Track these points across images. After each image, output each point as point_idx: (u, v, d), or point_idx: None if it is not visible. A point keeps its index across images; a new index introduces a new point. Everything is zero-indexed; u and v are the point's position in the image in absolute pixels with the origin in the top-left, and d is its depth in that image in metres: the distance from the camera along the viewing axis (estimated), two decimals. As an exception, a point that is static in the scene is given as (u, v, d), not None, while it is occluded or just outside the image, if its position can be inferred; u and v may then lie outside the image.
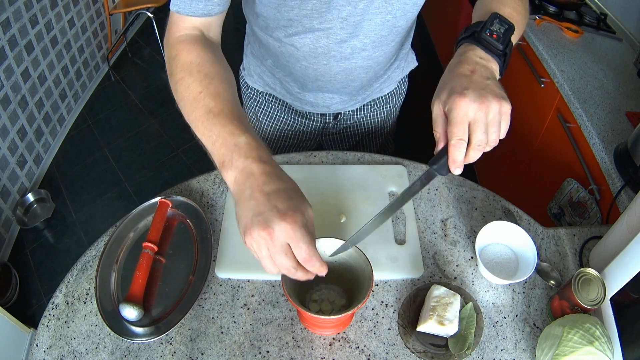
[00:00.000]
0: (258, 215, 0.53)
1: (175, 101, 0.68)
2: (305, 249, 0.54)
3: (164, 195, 0.89)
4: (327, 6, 0.75)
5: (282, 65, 0.95)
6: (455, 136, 0.55)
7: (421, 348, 0.71)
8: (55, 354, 0.71)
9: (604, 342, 0.63)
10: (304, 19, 0.77)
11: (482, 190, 0.93)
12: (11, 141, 2.09)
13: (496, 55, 0.62)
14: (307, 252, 0.54)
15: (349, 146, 1.20)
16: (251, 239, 0.53)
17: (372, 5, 0.76)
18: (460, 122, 0.55)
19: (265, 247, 0.53)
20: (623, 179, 1.06)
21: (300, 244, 0.53)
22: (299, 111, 1.09)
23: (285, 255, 0.54)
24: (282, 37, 0.84)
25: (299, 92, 1.00)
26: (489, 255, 0.81)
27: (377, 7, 0.77)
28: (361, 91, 1.02)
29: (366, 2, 0.75)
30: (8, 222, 2.07)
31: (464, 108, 0.55)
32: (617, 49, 1.53)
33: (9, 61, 2.04)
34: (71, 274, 0.81)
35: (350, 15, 0.77)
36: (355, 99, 1.04)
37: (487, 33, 0.62)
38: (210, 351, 0.71)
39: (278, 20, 0.79)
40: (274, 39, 0.86)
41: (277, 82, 1.02)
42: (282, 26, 0.81)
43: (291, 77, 0.97)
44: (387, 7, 0.78)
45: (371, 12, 0.77)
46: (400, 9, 0.79)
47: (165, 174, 2.39)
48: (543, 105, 1.51)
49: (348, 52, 0.84)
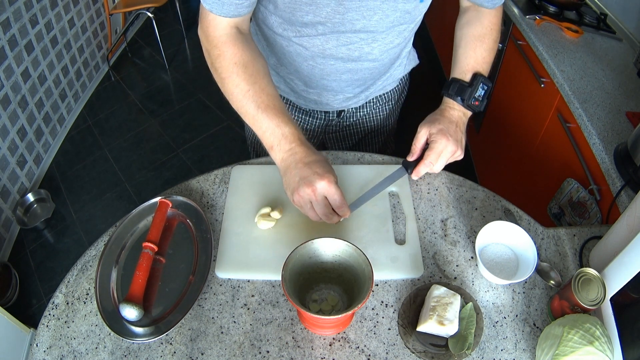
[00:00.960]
0: (304, 179, 0.73)
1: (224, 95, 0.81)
2: (339, 199, 0.74)
3: (164, 195, 0.89)
4: (341, 17, 0.77)
5: (287, 64, 0.96)
6: (429, 159, 0.84)
7: (421, 348, 0.71)
8: (55, 354, 0.71)
9: (604, 342, 0.63)
10: (317, 25, 0.80)
11: (482, 190, 0.93)
12: (11, 141, 2.09)
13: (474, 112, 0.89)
14: (340, 200, 0.74)
15: (351, 144, 1.21)
16: (299, 196, 0.74)
17: (386, 20, 0.79)
18: (436, 153, 0.83)
19: (309, 200, 0.74)
20: (623, 179, 1.06)
21: (335, 196, 0.74)
22: (303, 109, 1.10)
23: (324, 204, 0.74)
24: (292, 37, 0.85)
25: (303, 90, 1.01)
26: (489, 255, 0.81)
27: (391, 22, 0.80)
28: (365, 89, 1.03)
29: (380, 15, 0.77)
30: (8, 222, 2.07)
31: (442, 146, 0.83)
32: (617, 49, 1.53)
33: (9, 61, 2.04)
34: (71, 274, 0.81)
35: (364, 27, 0.80)
36: (359, 96, 1.05)
37: (471, 102, 0.87)
38: (210, 351, 0.71)
39: (292, 22, 0.81)
40: (282, 38, 0.87)
41: (280, 80, 1.03)
42: (295, 27, 0.83)
43: (296, 75, 0.98)
44: (400, 20, 0.81)
45: (385, 24, 0.80)
46: (410, 19, 0.83)
47: (165, 174, 2.39)
48: (543, 105, 1.51)
49: (356, 54, 0.87)
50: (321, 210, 0.74)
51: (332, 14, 0.77)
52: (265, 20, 0.87)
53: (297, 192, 0.74)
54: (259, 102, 0.76)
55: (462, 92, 0.87)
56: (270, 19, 0.85)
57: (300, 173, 0.74)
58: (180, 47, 3.25)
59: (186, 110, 2.75)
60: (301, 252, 0.68)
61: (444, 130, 0.84)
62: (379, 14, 0.77)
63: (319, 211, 0.75)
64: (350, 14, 0.77)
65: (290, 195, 0.76)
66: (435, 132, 0.84)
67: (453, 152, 0.84)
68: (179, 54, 3.19)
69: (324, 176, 0.73)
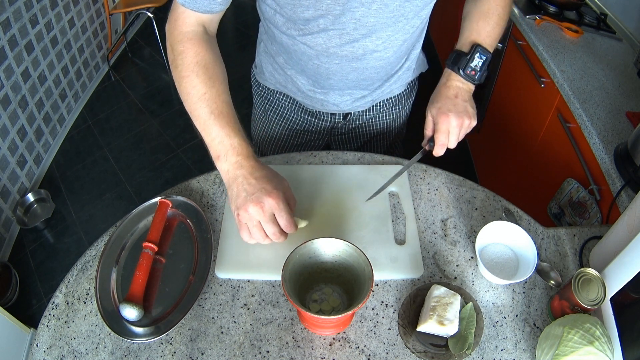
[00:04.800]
0: (251, 195, 0.70)
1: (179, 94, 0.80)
2: (286, 217, 0.72)
3: (164, 195, 0.89)
4: (342, 8, 0.77)
5: (294, 63, 0.96)
6: (439, 141, 0.85)
7: (421, 348, 0.71)
8: (55, 354, 0.71)
9: (604, 342, 0.63)
10: (319, 19, 0.79)
11: (482, 190, 0.93)
12: (11, 141, 2.09)
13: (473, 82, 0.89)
14: (287, 219, 0.73)
15: (356, 147, 1.21)
16: (245, 213, 0.71)
17: (386, 10, 0.78)
18: (443, 132, 0.84)
19: (257, 217, 0.71)
20: (623, 179, 1.06)
21: (282, 213, 0.72)
22: (309, 110, 1.10)
23: (272, 223, 0.72)
24: (296, 36, 0.85)
25: (310, 90, 1.01)
26: (489, 255, 0.81)
27: (391, 12, 0.79)
28: (372, 91, 1.03)
29: (379, 4, 0.77)
30: (8, 222, 2.07)
31: (446, 124, 0.84)
32: (617, 49, 1.53)
33: (9, 61, 2.04)
34: (71, 274, 0.81)
35: (363, 16, 0.79)
36: (366, 99, 1.04)
37: (468, 71, 0.87)
38: (210, 351, 0.71)
39: (294, 19, 0.81)
40: (287, 37, 0.87)
41: (288, 79, 1.03)
42: (297, 25, 0.82)
43: (303, 74, 0.98)
44: (401, 10, 0.80)
45: (385, 15, 0.79)
46: (412, 10, 0.81)
47: (165, 174, 2.39)
48: (543, 105, 1.51)
49: (360, 52, 0.86)
50: (270, 229, 0.72)
51: (332, 5, 0.76)
52: (272, 19, 0.87)
53: (245, 208, 0.70)
54: (213, 108, 0.75)
55: (459, 61, 0.87)
56: (275, 18, 0.85)
57: (247, 189, 0.71)
58: (180, 47, 3.25)
59: (186, 110, 2.74)
60: (301, 252, 0.68)
61: (442, 108, 0.85)
62: (377, 3, 0.76)
63: (269, 231, 0.72)
64: (350, 3, 0.76)
65: (234, 210, 0.73)
66: (435, 112, 0.85)
67: (459, 125, 0.83)
68: (179, 54, 3.19)
69: (272, 193, 0.70)
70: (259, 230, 0.72)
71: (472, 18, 0.91)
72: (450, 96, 0.86)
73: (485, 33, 0.89)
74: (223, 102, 0.76)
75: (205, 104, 0.75)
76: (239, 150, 0.74)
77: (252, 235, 0.73)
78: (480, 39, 0.88)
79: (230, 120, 0.75)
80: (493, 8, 0.90)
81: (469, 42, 0.89)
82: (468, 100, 0.87)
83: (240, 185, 0.72)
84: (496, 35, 0.90)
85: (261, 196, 0.70)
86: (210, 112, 0.75)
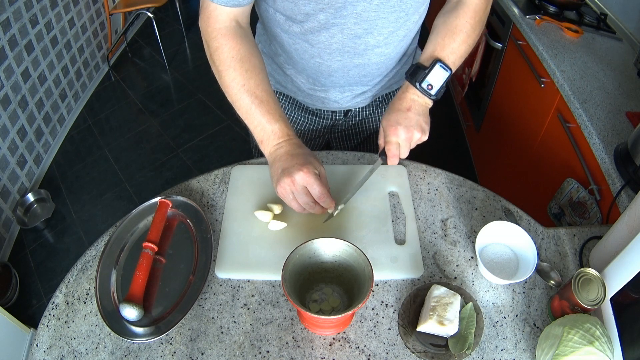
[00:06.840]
0: (285, 170, 0.76)
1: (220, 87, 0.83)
2: (318, 189, 0.76)
3: (164, 195, 0.89)
4: (343, 1, 0.77)
5: (294, 62, 0.96)
6: (390, 152, 0.86)
7: (421, 348, 0.71)
8: (55, 354, 0.71)
9: (604, 342, 0.63)
10: (319, 14, 0.79)
11: (482, 190, 0.93)
12: (11, 141, 2.09)
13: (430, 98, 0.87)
14: (320, 191, 0.76)
15: (356, 143, 1.21)
16: (281, 187, 0.77)
17: (387, 4, 0.79)
18: (393, 144, 0.85)
19: (290, 190, 0.77)
20: (623, 179, 1.06)
21: (314, 186, 0.76)
22: (309, 109, 1.10)
23: (304, 194, 0.77)
24: (298, 33, 0.85)
25: (310, 89, 1.01)
26: (489, 255, 0.81)
27: (392, 7, 0.80)
28: (372, 87, 1.03)
29: None
30: (8, 222, 2.07)
31: (395, 136, 0.85)
32: (617, 49, 1.53)
33: (9, 61, 2.04)
34: (71, 274, 0.81)
35: (364, 10, 0.79)
36: (366, 94, 1.05)
37: (425, 85, 0.86)
38: (210, 351, 0.71)
39: (295, 15, 0.81)
40: (288, 35, 0.88)
41: (287, 79, 1.03)
42: (298, 21, 0.83)
43: (304, 73, 0.98)
44: (401, 5, 0.80)
45: (386, 10, 0.80)
46: (412, 6, 0.82)
47: (165, 174, 2.39)
48: (543, 105, 1.51)
49: (362, 48, 0.87)
50: (303, 199, 0.77)
51: None
52: (272, 18, 0.87)
53: (279, 183, 0.77)
54: (253, 97, 0.80)
55: (416, 74, 0.86)
56: (276, 16, 0.85)
57: (283, 165, 0.77)
58: (180, 47, 3.25)
59: (186, 110, 2.75)
60: (301, 252, 0.68)
61: (391, 120, 0.86)
62: None
63: (301, 201, 0.77)
64: None
65: (274, 186, 0.79)
66: (385, 125, 0.87)
67: (408, 138, 0.85)
68: (179, 54, 3.19)
69: (303, 167, 0.75)
70: (293, 200, 0.78)
71: (438, 33, 0.89)
72: (402, 109, 0.86)
73: (449, 49, 0.87)
74: (262, 90, 0.81)
75: (246, 95, 0.80)
76: (280, 134, 0.80)
77: (291, 206, 0.79)
78: (444, 54, 0.86)
79: (270, 108, 0.80)
80: (462, 25, 0.88)
81: (430, 57, 0.87)
82: (422, 114, 0.86)
83: (277, 163, 0.79)
84: (462, 53, 0.89)
85: (293, 171, 0.75)
86: (250, 102, 0.80)
